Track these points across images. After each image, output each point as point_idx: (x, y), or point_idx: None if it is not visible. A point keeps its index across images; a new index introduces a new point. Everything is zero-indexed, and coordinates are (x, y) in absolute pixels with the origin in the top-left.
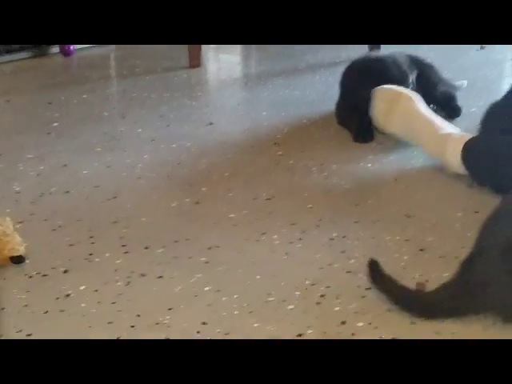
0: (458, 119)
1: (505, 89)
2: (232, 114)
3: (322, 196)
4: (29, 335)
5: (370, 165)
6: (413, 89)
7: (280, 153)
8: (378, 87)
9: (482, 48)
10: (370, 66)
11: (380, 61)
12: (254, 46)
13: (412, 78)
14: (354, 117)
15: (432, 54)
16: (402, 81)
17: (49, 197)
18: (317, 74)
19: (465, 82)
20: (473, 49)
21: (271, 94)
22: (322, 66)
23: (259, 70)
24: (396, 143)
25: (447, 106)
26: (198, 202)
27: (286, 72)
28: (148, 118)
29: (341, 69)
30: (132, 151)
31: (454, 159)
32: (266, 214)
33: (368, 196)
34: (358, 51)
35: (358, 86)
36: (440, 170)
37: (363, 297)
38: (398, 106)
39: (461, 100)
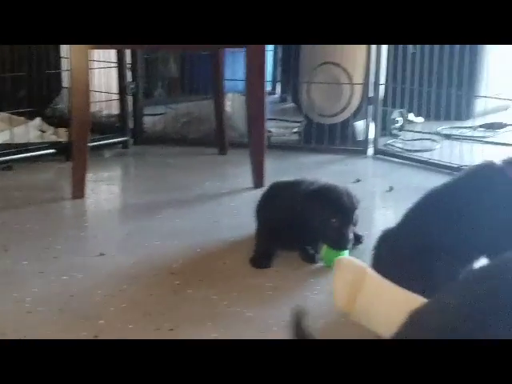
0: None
1: (382, 219)
2: (123, 244)
3: (226, 325)
4: None
5: (270, 292)
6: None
7: (177, 282)
8: (341, 258)
9: (357, 180)
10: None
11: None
12: (133, 178)
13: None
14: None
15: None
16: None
17: None
18: (205, 204)
19: None
20: (349, 181)
21: (162, 224)
22: (209, 196)
23: (146, 200)
24: (291, 272)
25: None
26: (96, 336)
27: (175, 202)
28: (33, 250)
29: (228, 198)
30: (19, 285)
31: None
32: None
33: (272, 323)
34: (244, 183)
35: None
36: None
37: None
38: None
39: None
